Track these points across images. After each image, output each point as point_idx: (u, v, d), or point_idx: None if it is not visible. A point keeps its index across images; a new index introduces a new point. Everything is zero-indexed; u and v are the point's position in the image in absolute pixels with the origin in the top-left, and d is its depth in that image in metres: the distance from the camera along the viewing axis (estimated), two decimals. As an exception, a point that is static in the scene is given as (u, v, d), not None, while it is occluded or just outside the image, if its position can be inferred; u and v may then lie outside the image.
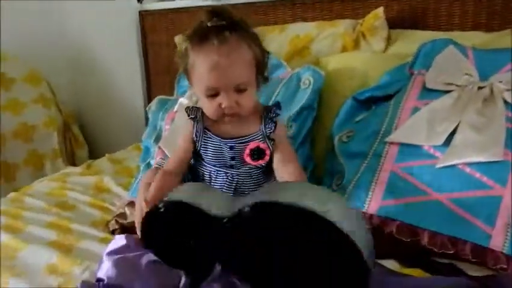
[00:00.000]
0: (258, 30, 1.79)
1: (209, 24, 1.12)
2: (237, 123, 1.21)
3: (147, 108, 1.99)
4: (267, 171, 1.26)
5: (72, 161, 2.69)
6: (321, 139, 1.57)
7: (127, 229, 1.45)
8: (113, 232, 1.46)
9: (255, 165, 1.23)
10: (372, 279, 1.10)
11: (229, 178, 1.23)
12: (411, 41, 1.65)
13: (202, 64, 1.12)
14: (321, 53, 1.78)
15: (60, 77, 2.80)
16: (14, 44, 2.58)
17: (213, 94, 1.14)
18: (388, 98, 1.45)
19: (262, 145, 1.22)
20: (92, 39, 2.75)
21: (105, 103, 2.85)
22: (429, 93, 1.37)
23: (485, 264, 1.13)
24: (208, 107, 1.17)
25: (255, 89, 1.20)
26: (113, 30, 2.62)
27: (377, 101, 1.48)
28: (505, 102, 1.28)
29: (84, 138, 2.81)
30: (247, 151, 1.21)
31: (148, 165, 1.62)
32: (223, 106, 1.14)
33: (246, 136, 1.22)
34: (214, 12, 1.14)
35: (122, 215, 1.47)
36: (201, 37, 1.12)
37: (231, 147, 1.22)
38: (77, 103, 2.92)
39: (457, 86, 1.34)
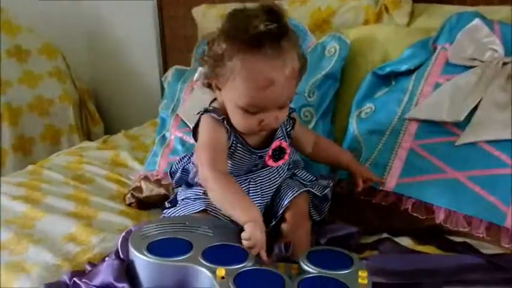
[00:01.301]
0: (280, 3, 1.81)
1: (262, 27, 1.01)
2: None
3: (163, 78, 2.01)
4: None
5: (88, 138, 2.75)
6: (341, 114, 1.60)
7: (143, 203, 1.52)
8: (129, 205, 1.52)
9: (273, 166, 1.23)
10: (386, 256, 1.16)
11: (252, 183, 1.22)
12: (435, 16, 1.64)
13: (250, 77, 1.04)
14: (342, 27, 1.78)
15: (75, 53, 2.85)
16: (28, 16, 2.63)
17: (255, 112, 1.08)
18: (409, 73, 1.46)
19: (283, 144, 1.21)
20: (108, 13, 2.78)
21: (121, 80, 2.90)
22: (452, 68, 1.38)
23: (498, 242, 1.18)
24: (243, 122, 1.11)
25: None
26: (130, 4, 2.64)
27: (397, 76, 1.49)
28: None
29: (100, 116, 2.86)
30: (270, 152, 1.20)
31: (163, 137, 1.67)
32: (264, 124, 1.10)
33: (271, 142, 1.21)
34: (268, 12, 1.03)
35: (138, 189, 1.53)
36: (252, 43, 1.02)
37: (260, 157, 1.20)
38: (92, 80, 2.97)
39: (481, 61, 1.35)
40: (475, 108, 1.29)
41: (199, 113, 1.21)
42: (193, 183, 1.28)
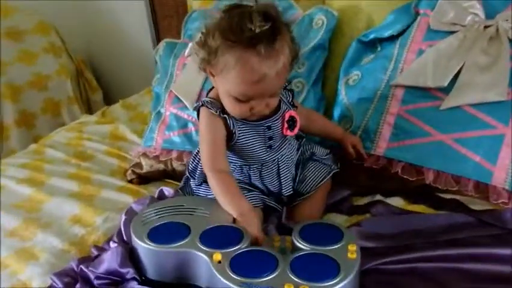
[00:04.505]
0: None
1: (255, 29, 1.03)
2: None
3: (154, 52, 2.00)
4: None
5: (88, 106, 2.79)
6: (330, 80, 1.60)
7: (143, 178, 1.54)
8: (130, 181, 1.54)
9: (291, 136, 1.25)
10: (378, 219, 1.19)
11: (281, 163, 1.24)
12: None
13: (244, 72, 1.06)
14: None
15: (69, 25, 2.82)
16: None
17: (245, 100, 1.11)
18: (393, 38, 1.46)
19: (293, 113, 1.23)
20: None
21: (116, 48, 2.87)
22: (434, 34, 1.38)
23: (487, 199, 1.21)
24: (235, 109, 1.14)
25: None
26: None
27: (382, 42, 1.49)
28: (510, 41, 1.29)
29: (98, 83, 2.86)
30: (285, 124, 1.21)
31: (159, 113, 1.66)
32: (254, 111, 1.13)
33: (277, 112, 1.21)
34: (263, 13, 1.05)
35: (138, 165, 1.55)
36: (245, 42, 1.04)
37: (269, 127, 1.20)
38: (88, 49, 2.95)
39: (462, 26, 1.34)
40: (459, 72, 1.29)
41: (197, 105, 1.23)
42: None
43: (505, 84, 1.24)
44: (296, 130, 1.24)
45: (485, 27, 1.32)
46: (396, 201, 1.26)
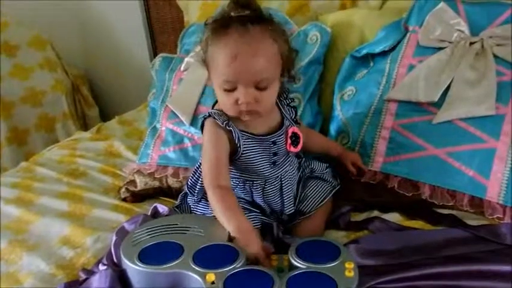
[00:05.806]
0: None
1: (232, 14, 1.09)
2: (262, 118, 1.18)
3: (150, 66, 2.00)
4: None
5: (83, 122, 2.77)
6: (326, 94, 1.61)
7: (138, 196, 1.52)
8: (124, 199, 1.52)
9: (294, 152, 1.25)
10: (376, 236, 1.18)
11: (284, 180, 1.24)
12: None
13: (220, 55, 1.09)
14: (320, 10, 1.77)
15: (65, 40, 2.83)
16: (16, 8, 2.62)
17: (231, 89, 1.10)
18: (385, 53, 1.49)
19: (296, 129, 1.23)
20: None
21: (112, 64, 2.87)
22: (424, 49, 1.41)
23: (482, 214, 1.22)
24: (225, 102, 1.13)
25: (278, 87, 1.17)
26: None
27: (374, 57, 1.51)
28: (495, 56, 1.32)
29: (94, 99, 2.85)
30: (289, 140, 1.21)
31: (155, 128, 1.65)
32: (239, 102, 1.10)
33: (281, 128, 1.21)
34: (239, 2, 1.10)
35: (132, 183, 1.53)
36: (221, 27, 1.09)
37: (274, 142, 1.20)
38: (84, 64, 2.95)
39: (449, 42, 1.38)
40: (449, 87, 1.32)
41: (204, 116, 1.21)
42: None
43: (493, 98, 1.27)
44: (299, 147, 1.24)
45: (471, 43, 1.36)
46: (394, 217, 1.26)
